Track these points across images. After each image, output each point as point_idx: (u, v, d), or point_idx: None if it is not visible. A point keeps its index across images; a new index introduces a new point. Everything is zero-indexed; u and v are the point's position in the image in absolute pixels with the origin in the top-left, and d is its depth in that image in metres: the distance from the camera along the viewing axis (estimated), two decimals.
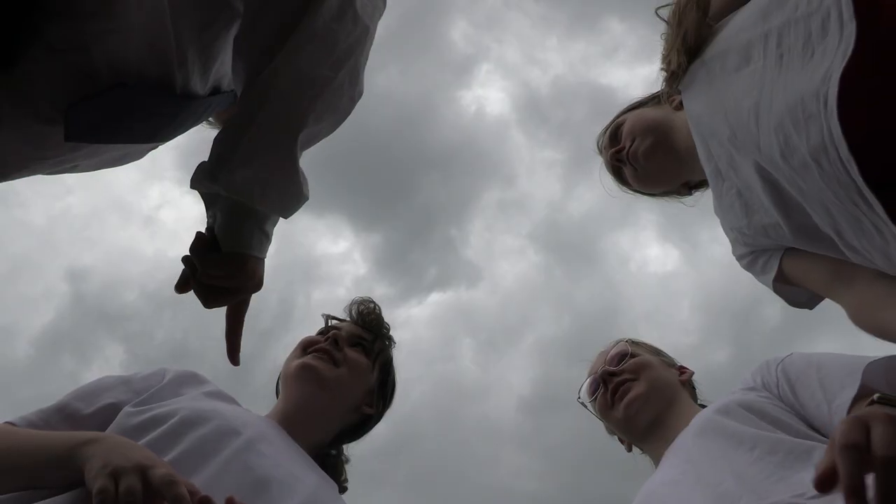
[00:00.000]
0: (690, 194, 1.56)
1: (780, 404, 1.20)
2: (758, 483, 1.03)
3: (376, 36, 1.00)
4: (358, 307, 1.50)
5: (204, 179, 0.94)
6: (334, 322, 1.48)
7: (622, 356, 1.48)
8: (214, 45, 0.95)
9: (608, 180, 1.63)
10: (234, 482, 1.02)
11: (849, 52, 0.81)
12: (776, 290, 1.28)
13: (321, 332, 1.43)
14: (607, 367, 1.48)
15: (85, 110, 0.84)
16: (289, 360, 1.39)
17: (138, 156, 1.09)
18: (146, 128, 0.96)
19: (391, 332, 1.52)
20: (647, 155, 1.46)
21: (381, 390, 1.47)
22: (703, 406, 1.46)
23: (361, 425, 1.45)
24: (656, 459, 1.37)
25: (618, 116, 1.58)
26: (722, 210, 1.27)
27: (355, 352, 1.40)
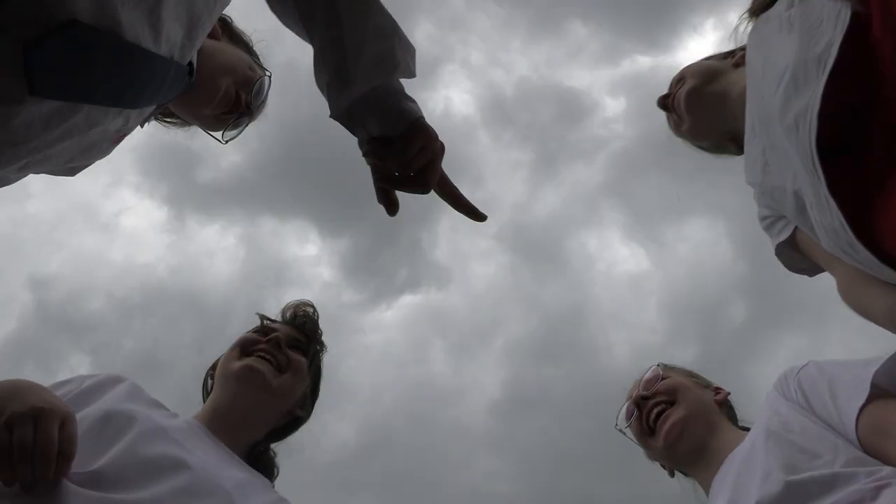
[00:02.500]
0: (741, 153, 1.55)
1: (806, 414, 1.24)
2: None
3: None
4: (294, 311, 1.50)
5: (341, 96, 1.02)
6: (269, 323, 1.47)
7: (654, 380, 1.48)
8: (161, 6, 0.92)
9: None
10: (159, 488, 1.02)
11: (846, 24, 0.84)
12: (778, 254, 1.30)
13: (258, 332, 1.41)
14: (641, 391, 1.48)
15: (44, 52, 0.79)
16: (227, 359, 1.36)
17: (106, 146, 1.07)
18: (112, 86, 0.93)
19: (323, 338, 1.52)
20: (687, 95, 1.43)
21: (312, 395, 1.48)
22: (744, 428, 1.47)
23: (290, 427, 1.45)
24: (703, 484, 1.38)
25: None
26: (746, 164, 1.28)
27: (296, 354, 1.39)
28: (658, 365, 1.53)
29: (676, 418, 1.40)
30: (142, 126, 1.38)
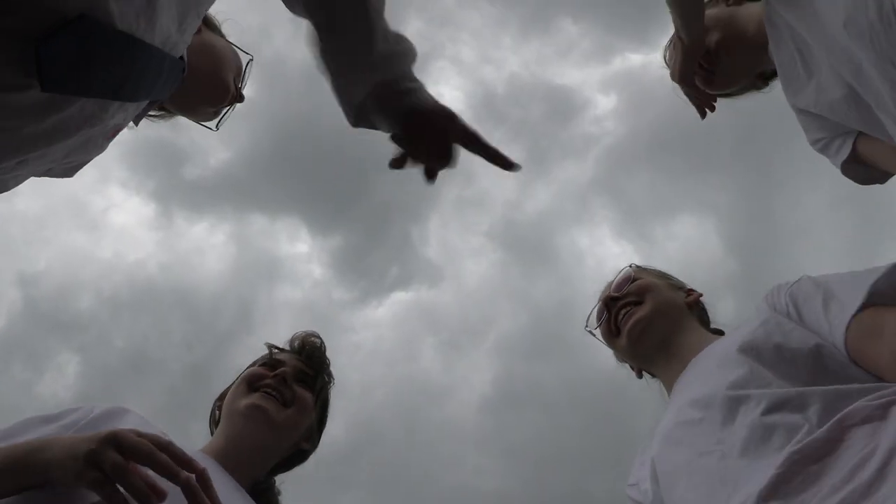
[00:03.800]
0: (767, 85, 1.55)
1: (793, 326, 1.17)
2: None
3: None
4: (302, 342, 1.51)
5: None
6: (276, 352, 1.48)
7: (626, 281, 1.46)
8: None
9: (681, 93, 1.60)
10: None
11: None
12: (845, 171, 1.34)
13: (265, 365, 1.43)
14: (611, 292, 1.46)
15: (56, 45, 0.79)
16: (235, 396, 1.38)
17: (101, 141, 1.06)
18: (112, 76, 0.92)
19: (331, 369, 1.53)
20: (718, 52, 1.44)
21: (319, 427, 1.49)
22: (716, 331, 1.45)
23: (296, 459, 1.47)
24: (668, 385, 1.35)
25: None
26: (793, 90, 1.31)
27: (302, 389, 1.41)
28: (630, 266, 1.52)
29: (640, 315, 1.38)
30: (136, 124, 1.38)
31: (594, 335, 1.52)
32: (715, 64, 1.46)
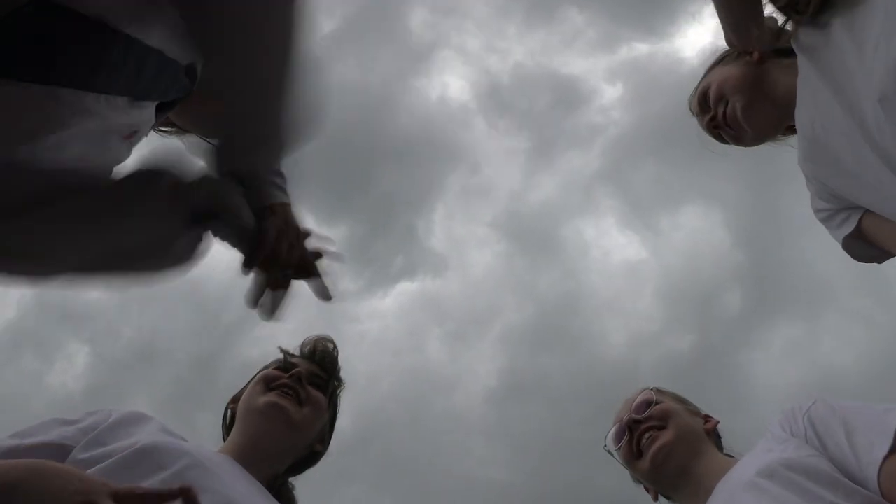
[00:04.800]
0: (795, 134, 1.51)
1: (817, 455, 1.22)
2: None
3: (337, 24, 1.04)
4: (314, 346, 1.53)
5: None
6: (289, 356, 1.51)
7: (647, 404, 1.49)
8: None
9: (708, 139, 1.60)
10: None
11: None
12: (845, 246, 1.35)
13: (279, 368, 1.45)
14: (633, 414, 1.49)
15: (4, 32, 0.77)
16: (252, 395, 1.40)
17: (116, 141, 1.05)
18: (78, 63, 0.88)
19: (342, 373, 1.56)
20: (745, 116, 1.44)
21: (330, 429, 1.52)
22: (729, 456, 1.48)
23: (310, 461, 1.50)
24: None
25: (703, 78, 1.56)
26: (811, 162, 1.32)
27: (316, 391, 1.43)
28: (651, 389, 1.55)
29: (665, 441, 1.41)
30: (147, 133, 1.37)
31: (612, 455, 1.55)
32: (743, 129, 1.46)
